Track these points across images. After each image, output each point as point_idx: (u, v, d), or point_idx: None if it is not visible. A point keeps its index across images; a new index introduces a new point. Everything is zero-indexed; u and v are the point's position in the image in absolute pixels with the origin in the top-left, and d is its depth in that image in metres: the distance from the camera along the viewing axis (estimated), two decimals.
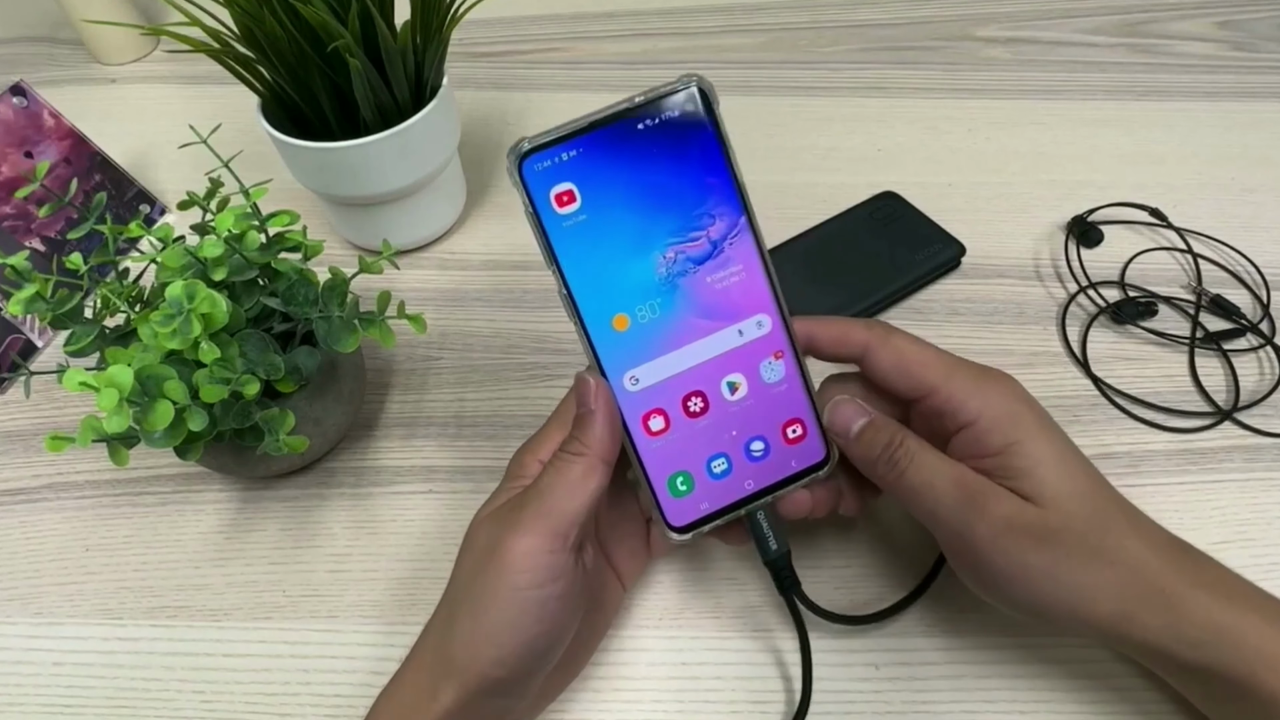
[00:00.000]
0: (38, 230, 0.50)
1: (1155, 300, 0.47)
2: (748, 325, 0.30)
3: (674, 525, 0.31)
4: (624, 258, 0.28)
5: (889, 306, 0.48)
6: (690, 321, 0.29)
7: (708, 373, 0.30)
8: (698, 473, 0.30)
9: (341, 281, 0.38)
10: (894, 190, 0.53)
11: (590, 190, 0.27)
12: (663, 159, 0.28)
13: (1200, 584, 0.28)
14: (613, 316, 0.29)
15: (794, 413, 0.31)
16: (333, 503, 0.41)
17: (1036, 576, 0.28)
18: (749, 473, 0.31)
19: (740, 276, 0.29)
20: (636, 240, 0.28)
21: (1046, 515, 0.28)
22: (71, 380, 0.31)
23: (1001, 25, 0.69)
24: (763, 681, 0.35)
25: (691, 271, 0.29)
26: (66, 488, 0.43)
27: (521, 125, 0.62)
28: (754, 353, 0.30)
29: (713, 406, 0.30)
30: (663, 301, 0.29)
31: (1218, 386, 0.44)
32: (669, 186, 0.28)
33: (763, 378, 0.30)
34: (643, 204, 0.28)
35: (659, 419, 0.30)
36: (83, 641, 0.38)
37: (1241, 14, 0.68)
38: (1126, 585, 0.28)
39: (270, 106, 0.47)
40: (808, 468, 0.31)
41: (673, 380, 0.30)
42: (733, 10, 0.72)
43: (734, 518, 0.31)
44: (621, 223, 0.28)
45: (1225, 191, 0.54)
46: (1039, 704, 0.34)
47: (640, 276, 0.28)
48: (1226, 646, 0.27)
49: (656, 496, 0.31)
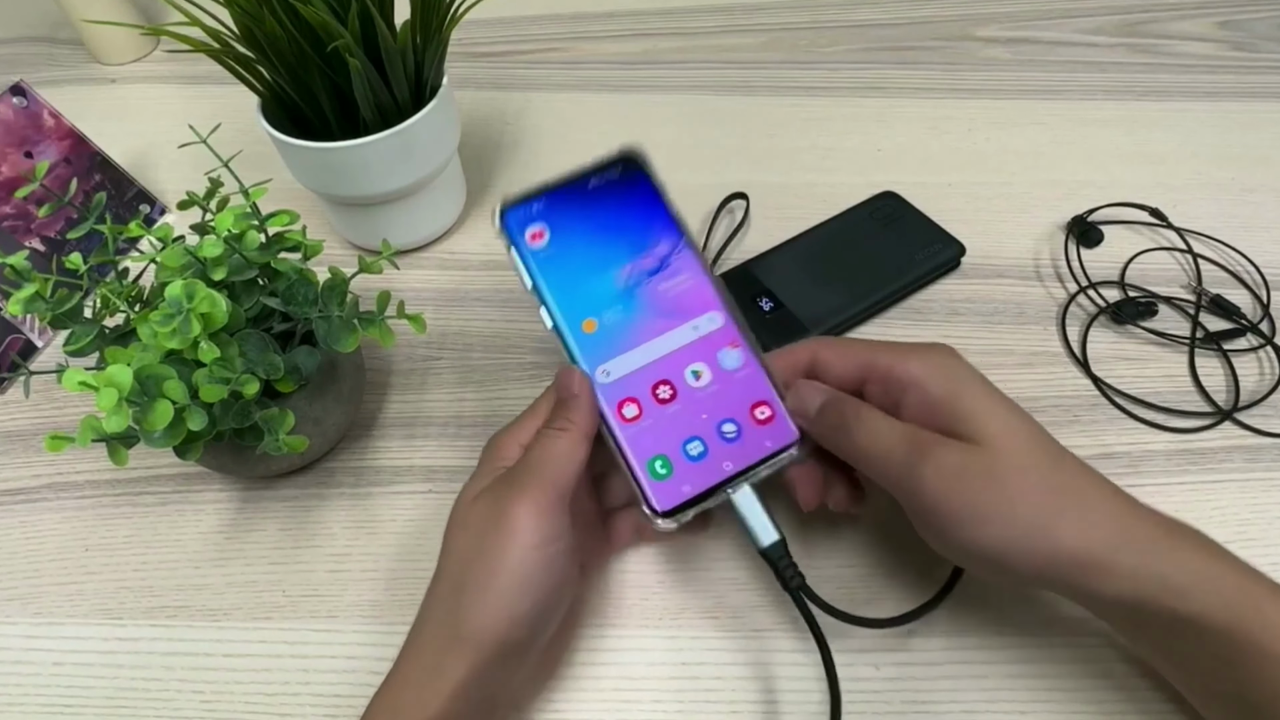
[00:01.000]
0: (38, 230, 0.50)
1: (1155, 300, 0.47)
2: (701, 321, 0.34)
3: (660, 510, 0.32)
4: (587, 275, 0.34)
5: (889, 306, 0.48)
6: (650, 322, 0.34)
7: (671, 363, 0.34)
8: (675, 455, 0.33)
9: (341, 281, 0.38)
10: (894, 190, 0.53)
11: (556, 228, 0.34)
12: (611, 203, 0.35)
13: (1175, 531, 0.28)
14: (582, 321, 0.34)
15: (759, 395, 0.34)
16: (332, 503, 0.41)
17: (992, 517, 0.28)
18: (725, 454, 0.33)
19: (688, 284, 0.35)
20: (596, 262, 0.34)
21: (994, 455, 0.29)
22: (71, 380, 0.31)
23: (1001, 25, 0.69)
24: (763, 681, 0.35)
25: (646, 282, 0.34)
26: (66, 488, 0.43)
27: (521, 125, 0.62)
28: (710, 344, 0.34)
29: (681, 393, 0.34)
30: (624, 307, 0.34)
31: (1218, 386, 0.44)
32: (619, 222, 0.35)
33: (723, 365, 0.34)
34: (599, 235, 0.35)
35: (633, 406, 0.33)
36: (82, 641, 0.38)
37: (1241, 14, 0.68)
38: (1092, 525, 0.28)
39: (270, 106, 0.47)
40: (782, 447, 0.33)
41: (641, 371, 0.34)
42: (733, 10, 0.72)
43: (719, 500, 0.32)
44: (583, 250, 0.34)
45: (1225, 191, 0.54)
46: (1038, 703, 0.34)
47: (603, 289, 0.34)
48: (1216, 594, 0.27)
49: (640, 481, 0.32)
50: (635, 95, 0.64)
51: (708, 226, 0.52)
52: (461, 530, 0.32)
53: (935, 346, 0.32)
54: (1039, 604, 0.36)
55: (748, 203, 0.54)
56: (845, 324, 0.47)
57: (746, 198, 0.54)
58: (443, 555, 0.32)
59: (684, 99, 0.64)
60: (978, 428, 0.29)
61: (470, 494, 0.32)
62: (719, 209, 0.53)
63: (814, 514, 0.35)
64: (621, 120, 0.62)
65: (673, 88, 0.65)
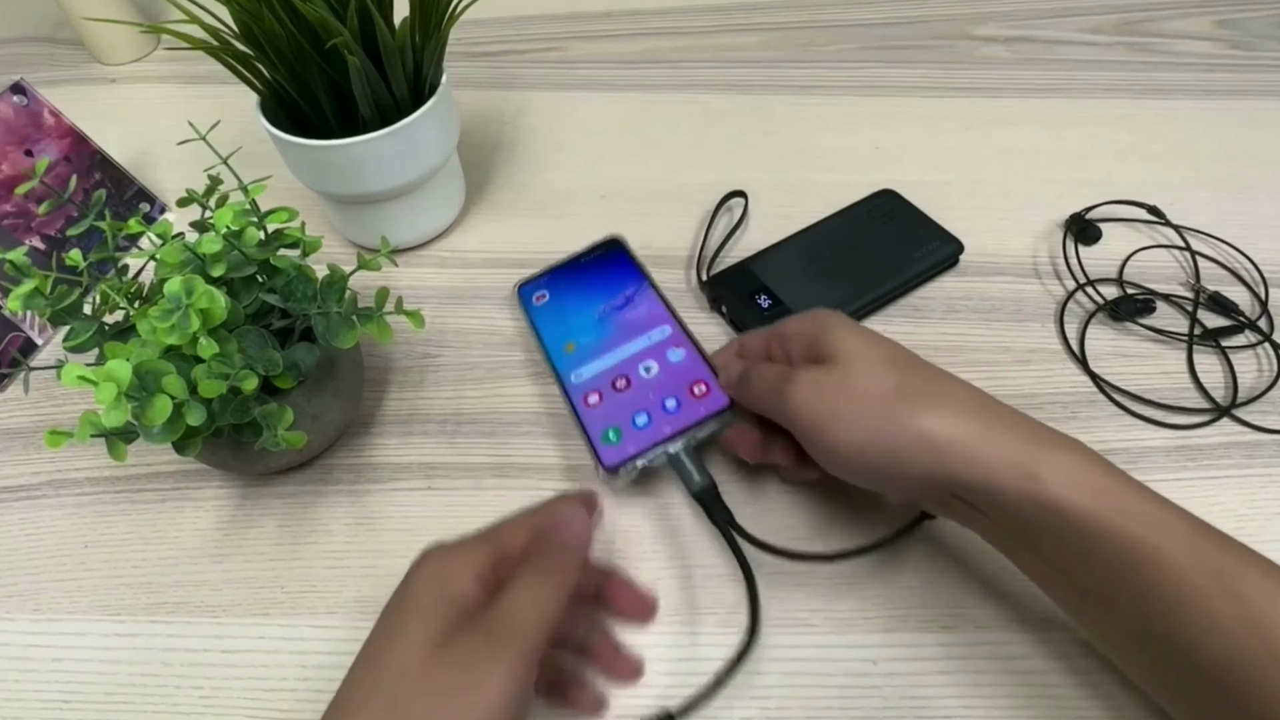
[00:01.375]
0: (38, 228, 0.50)
1: (1153, 297, 0.47)
2: (654, 333, 0.44)
3: (607, 466, 0.39)
4: (572, 315, 0.46)
5: (887, 304, 0.48)
6: (615, 338, 0.44)
7: (629, 363, 0.43)
8: (625, 426, 0.40)
9: (340, 277, 0.38)
10: (892, 188, 0.53)
11: (554, 290, 0.48)
12: (594, 269, 0.48)
13: (1032, 424, 0.31)
14: (564, 345, 0.44)
15: (697, 376, 0.41)
16: (331, 499, 0.42)
17: (846, 417, 0.32)
18: (666, 421, 0.40)
19: (647, 310, 0.45)
20: (580, 307, 0.46)
21: (846, 368, 0.33)
22: (70, 374, 0.31)
23: (999, 24, 0.69)
24: (763, 678, 0.35)
25: (615, 314, 0.45)
26: (66, 485, 0.43)
27: (519, 124, 0.62)
28: (660, 347, 0.43)
29: (634, 383, 0.42)
30: (597, 332, 0.44)
31: (1216, 383, 0.44)
32: (599, 280, 0.47)
33: (669, 359, 0.42)
34: (583, 290, 0.47)
35: (595, 396, 0.42)
36: (82, 638, 0.38)
37: (1239, 12, 0.69)
38: (948, 414, 0.31)
39: (269, 104, 0.47)
40: (714, 413, 0.39)
41: (604, 372, 0.43)
42: (731, 10, 0.72)
43: (658, 454, 0.38)
44: (570, 300, 0.47)
45: (1223, 189, 0.54)
46: (1037, 701, 0.34)
47: (582, 323, 0.45)
48: (1072, 484, 0.28)
49: (594, 446, 0.39)
50: (633, 94, 0.64)
51: (706, 225, 0.53)
52: (425, 688, 0.27)
53: (812, 310, 0.38)
54: (1039, 603, 0.36)
55: (746, 201, 0.54)
56: None
57: (745, 196, 0.54)
58: (389, 626, 0.29)
59: (682, 98, 0.64)
60: (835, 351, 0.34)
61: (424, 636, 0.27)
62: (717, 207, 0.53)
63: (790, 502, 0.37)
64: (619, 119, 0.62)
65: (671, 87, 0.65)
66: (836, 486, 0.37)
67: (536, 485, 0.42)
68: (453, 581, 0.29)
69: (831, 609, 0.37)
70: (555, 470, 0.42)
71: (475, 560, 0.30)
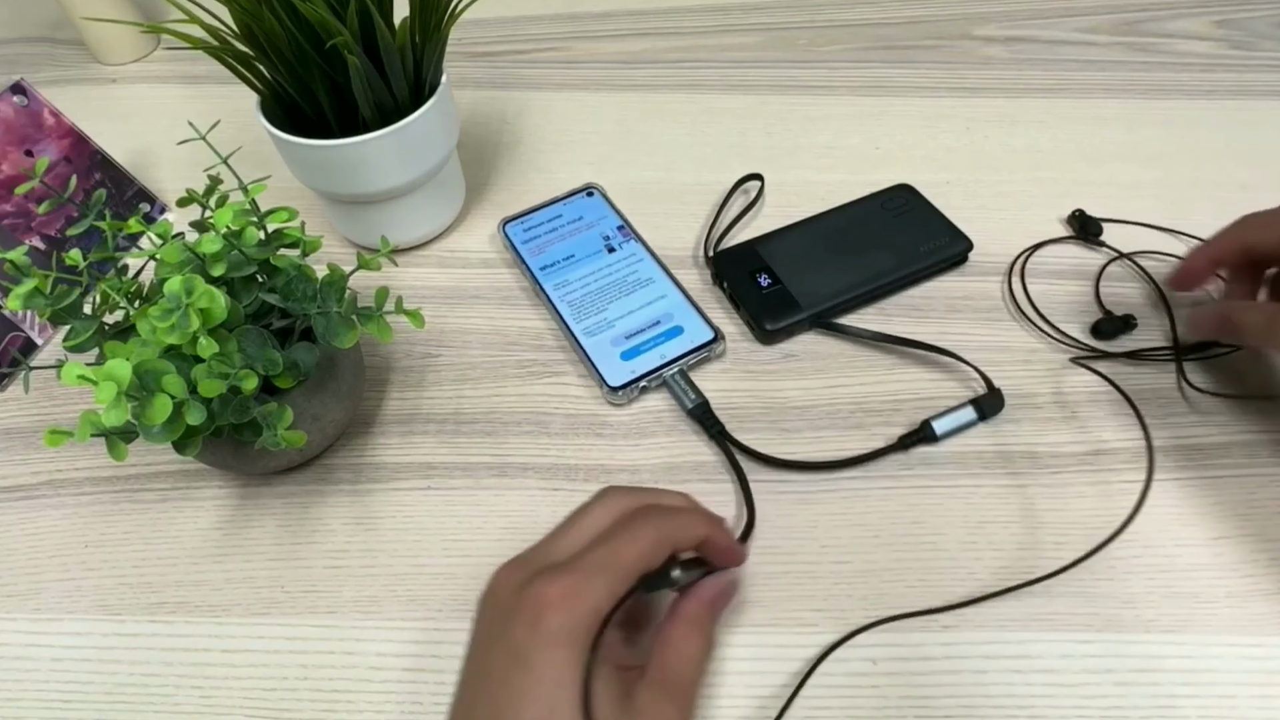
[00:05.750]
0: (38, 228, 0.50)
1: (1131, 317, 0.46)
2: (646, 284, 0.49)
3: (611, 385, 0.44)
4: (560, 251, 0.51)
5: (887, 295, 0.49)
6: (613, 291, 0.48)
7: (624, 307, 0.47)
8: (625, 355, 0.45)
9: (340, 277, 0.38)
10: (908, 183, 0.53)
11: (540, 229, 0.52)
12: (578, 212, 0.53)
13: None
14: (558, 278, 0.49)
15: (683, 317, 0.47)
16: (331, 499, 0.42)
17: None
18: (661, 350, 0.45)
19: (637, 261, 0.50)
20: (570, 244, 0.51)
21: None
22: (70, 374, 0.31)
23: (999, 24, 0.69)
24: (763, 677, 0.35)
25: (603, 253, 0.51)
26: (66, 484, 0.43)
27: (520, 124, 0.62)
28: (649, 293, 0.48)
29: (630, 319, 0.47)
30: (589, 265, 0.50)
31: (1215, 382, 0.44)
32: (583, 219, 0.53)
33: (661, 306, 0.47)
34: (571, 229, 0.52)
35: (596, 329, 0.46)
36: (82, 638, 0.38)
37: (1239, 12, 0.69)
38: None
39: (269, 104, 0.47)
40: (703, 343, 0.45)
41: (604, 313, 0.47)
42: (731, 10, 0.72)
43: (658, 380, 0.44)
44: (559, 238, 0.52)
45: (1223, 189, 0.54)
46: (1036, 700, 0.34)
47: (573, 257, 0.50)
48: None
49: (599, 370, 0.44)
50: (634, 94, 0.64)
51: (715, 210, 0.53)
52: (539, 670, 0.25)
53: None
54: (1039, 602, 0.36)
55: (762, 183, 0.55)
56: (840, 307, 0.47)
57: (762, 179, 0.54)
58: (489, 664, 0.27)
59: (682, 98, 0.64)
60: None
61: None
62: (733, 189, 0.54)
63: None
64: (620, 119, 0.62)
65: (671, 87, 0.65)
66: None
67: (536, 485, 0.42)
68: (594, 640, 0.26)
69: (831, 609, 0.37)
70: (555, 470, 0.42)
71: (607, 604, 0.27)
